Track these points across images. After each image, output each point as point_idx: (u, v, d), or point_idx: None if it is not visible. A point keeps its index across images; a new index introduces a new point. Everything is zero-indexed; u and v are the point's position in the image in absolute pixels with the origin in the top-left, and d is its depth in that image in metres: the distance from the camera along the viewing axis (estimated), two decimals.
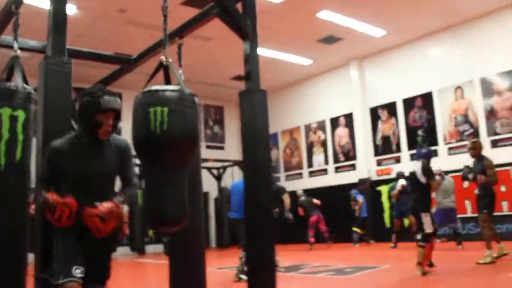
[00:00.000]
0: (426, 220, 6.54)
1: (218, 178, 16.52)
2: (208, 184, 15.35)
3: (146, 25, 11.03)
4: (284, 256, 10.27)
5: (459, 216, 11.39)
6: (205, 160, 13.50)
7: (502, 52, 11.92)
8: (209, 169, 15.81)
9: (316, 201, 13.22)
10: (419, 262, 6.46)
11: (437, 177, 7.27)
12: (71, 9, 9.99)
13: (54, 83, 3.31)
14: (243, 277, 6.38)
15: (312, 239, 12.97)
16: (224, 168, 16.42)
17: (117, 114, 2.96)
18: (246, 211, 4.31)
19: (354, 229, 13.27)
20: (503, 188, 11.37)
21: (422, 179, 6.69)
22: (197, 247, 4.25)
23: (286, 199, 8.76)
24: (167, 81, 3.30)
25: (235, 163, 15.54)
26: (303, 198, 13.54)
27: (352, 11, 11.79)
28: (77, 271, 2.74)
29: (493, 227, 7.66)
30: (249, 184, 4.24)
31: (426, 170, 6.72)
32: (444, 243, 11.14)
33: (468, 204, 12.00)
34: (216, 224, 16.54)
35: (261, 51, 15.06)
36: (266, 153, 4.33)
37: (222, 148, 17.94)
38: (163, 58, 3.30)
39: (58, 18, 3.45)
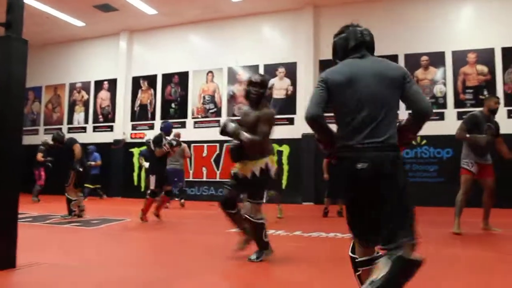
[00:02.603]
0: (152, 180, 7.30)
1: None
2: None
3: None
4: (36, 207, 9.35)
5: (194, 179, 12.12)
6: None
7: (245, 49, 12.85)
8: None
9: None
10: (142, 209, 7.30)
11: (164, 147, 7.38)
12: None
13: None
14: None
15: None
16: None
17: None
18: None
19: (86, 184, 11.03)
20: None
21: (152, 147, 7.42)
22: None
23: (77, 149, 7.68)
24: None
25: None
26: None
27: None
28: None
29: None
30: None
31: (155, 140, 7.44)
32: (174, 201, 10.63)
33: (204, 170, 12.72)
34: None
35: (33, 2, 13.01)
36: (19, 103, 3.72)
37: None
38: None
39: None
